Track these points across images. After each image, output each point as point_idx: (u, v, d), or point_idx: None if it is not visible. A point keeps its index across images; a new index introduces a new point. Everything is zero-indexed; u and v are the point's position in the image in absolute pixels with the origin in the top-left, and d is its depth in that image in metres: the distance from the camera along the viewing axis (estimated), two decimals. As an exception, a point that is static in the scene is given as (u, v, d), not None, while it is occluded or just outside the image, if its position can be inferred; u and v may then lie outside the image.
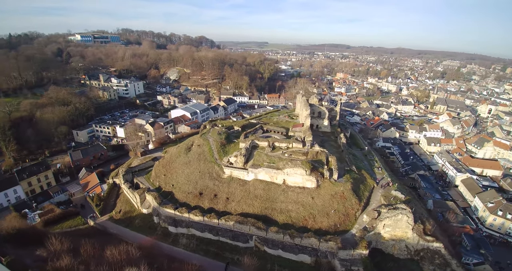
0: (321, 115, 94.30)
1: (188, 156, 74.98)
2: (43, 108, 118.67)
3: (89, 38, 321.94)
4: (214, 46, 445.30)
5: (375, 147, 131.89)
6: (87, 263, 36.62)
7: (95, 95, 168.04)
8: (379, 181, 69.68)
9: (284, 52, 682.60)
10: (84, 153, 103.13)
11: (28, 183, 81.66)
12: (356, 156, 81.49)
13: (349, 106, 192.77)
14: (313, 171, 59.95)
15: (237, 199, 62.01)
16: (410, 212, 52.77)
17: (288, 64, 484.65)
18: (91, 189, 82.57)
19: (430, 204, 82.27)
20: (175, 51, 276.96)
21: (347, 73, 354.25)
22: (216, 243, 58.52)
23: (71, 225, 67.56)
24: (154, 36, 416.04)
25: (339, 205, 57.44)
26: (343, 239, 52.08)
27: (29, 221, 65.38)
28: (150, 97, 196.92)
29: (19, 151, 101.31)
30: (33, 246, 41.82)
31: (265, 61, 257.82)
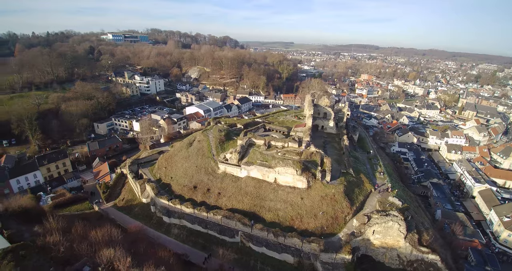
0: (327, 116, 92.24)
1: (188, 150, 77.52)
2: (68, 102, 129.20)
3: (120, 37, 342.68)
4: (238, 46, 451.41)
5: (388, 152, 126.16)
6: (72, 241, 39.78)
7: (119, 91, 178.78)
8: (378, 186, 66.81)
9: (309, 52, 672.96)
10: (101, 144, 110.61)
11: (47, 168, 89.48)
12: (358, 159, 78.72)
13: (368, 108, 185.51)
14: (304, 171, 59.10)
15: (228, 195, 63.01)
16: (402, 220, 50.19)
17: (311, 65, 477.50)
18: (101, 177, 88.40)
19: (438, 214, 77.21)
20: (197, 51, 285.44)
21: (372, 75, 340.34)
22: (204, 236, 60.17)
23: (78, 209, 73.05)
24: (180, 36, 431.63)
25: (328, 207, 56.14)
26: (329, 242, 51.06)
27: (42, 203, 71.83)
28: (170, 94, 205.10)
29: (43, 139, 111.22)
30: (34, 223, 46.19)
31: (284, 61, 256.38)
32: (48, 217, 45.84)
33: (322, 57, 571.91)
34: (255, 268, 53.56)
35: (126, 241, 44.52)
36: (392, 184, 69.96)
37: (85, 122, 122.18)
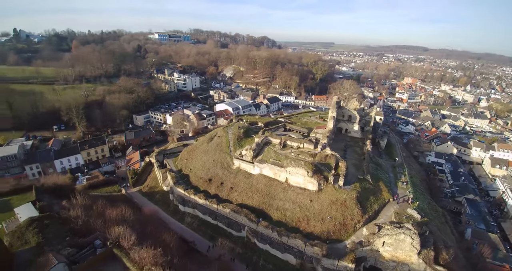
0: (352, 119, 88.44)
1: (208, 145, 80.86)
2: (112, 94, 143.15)
3: (165, 37, 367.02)
4: (275, 46, 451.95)
5: (422, 161, 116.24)
6: (90, 217, 44.78)
7: (158, 86, 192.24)
8: (398, 196, 62.49)
9: (349, 53, 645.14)
10: (136, 134, 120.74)
11: (87, 153, 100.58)
12: (381, 166, 74.22)
13: (406, 114, 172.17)
14: (316, 174, 57.90)
15: (240, 190, 64.51)
16: (416, 234, 46.48)
17: (351, 66, 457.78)
18: (132, 164, 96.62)
19: (468, 233, 69.47)
20: (233, 50, 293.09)
21: (416, 78, 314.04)
22: (213, 227, 62.64)
23: (108, 190, 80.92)
24: (220, 36, 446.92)
25: (338, 213, 54.32)
26: (334, 248, 49.50)
27: (78, 182, 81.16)
28: (204, 91, 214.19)
29: (88, 127, 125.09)
30: (64, 198, 52.79)
31: (319, 61, 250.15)
32: (76, 194, 51.99)
33: (363, 59, 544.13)
34: (257, 264, 54.30)
35: (138, 222, 48.66)
36: (416, 195, 64.89)
37: (125, 113, 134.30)
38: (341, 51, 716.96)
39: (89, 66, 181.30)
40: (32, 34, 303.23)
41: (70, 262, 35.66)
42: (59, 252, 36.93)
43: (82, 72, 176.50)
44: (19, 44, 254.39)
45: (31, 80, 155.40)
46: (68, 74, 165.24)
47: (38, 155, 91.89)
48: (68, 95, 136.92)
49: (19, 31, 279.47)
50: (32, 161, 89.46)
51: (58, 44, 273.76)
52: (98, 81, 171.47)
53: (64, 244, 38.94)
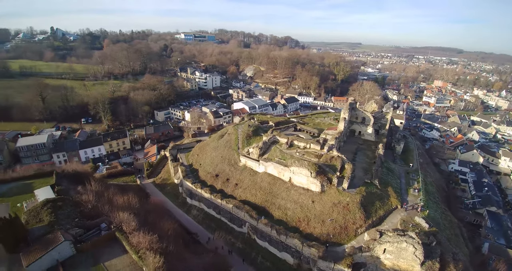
0: (365, 122, 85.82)
1: (218, 142, 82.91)
2: (136, 91, 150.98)
3: (190, 36, 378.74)
4: (298, 46, 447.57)
5: (443, 169, 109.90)
6: (100, 202, 48.25)
7: (180, 84, 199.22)
8: (407, 203, 59.96)
9: (377, 54, 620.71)
10: (156, 129, 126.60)
11: (109, 144, 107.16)
12: (393, 171, 71.48)
13: (431, 119, 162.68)
14: (320, 175, 57.27)
15: (244, 187, 65.58)
16: (419, 244, 44.35)
17: (377, 68, 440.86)
18: (149, 157, 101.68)
19: (485, 248, 64.78)
20: (255, 50, 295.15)
21: (447, 82, 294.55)
22: (217, 221, 64.44)
23: (124, 180, 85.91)
24: (244, 36, 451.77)
25: (339, 216, 53.37)
26: (333, 251, 48.77)
27: (99, 171, 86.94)
28: (224, 90, 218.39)
29: (113, 120, 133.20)
30: (80, 184, 57.09)
31: (341, 62, 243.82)
32: (90, 181, 56.10)
33: (391, 60, 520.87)
34: (255, 260, 55.13)
35: (143, 210, 51.53)
36: (427, 204, 61.80)
37: (147, 109, 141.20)
38: (368, 52, 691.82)
39: (117, 64, 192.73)
40: (68, 33, 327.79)
41: (76, 241, 38.94)
42: (67, 231, 40.34)
43: (111, 69, 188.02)
44: (56, 42, 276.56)
45: (64, 76, 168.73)
46: (98, 71, 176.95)
47: (65, 145, 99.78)
48: (96, 91, 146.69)
49: (56, 30, 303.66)
50: (59, 150, 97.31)
51: (91, 42, 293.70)
52: (124, 78, 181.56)
53: (73, 225, 42.46)
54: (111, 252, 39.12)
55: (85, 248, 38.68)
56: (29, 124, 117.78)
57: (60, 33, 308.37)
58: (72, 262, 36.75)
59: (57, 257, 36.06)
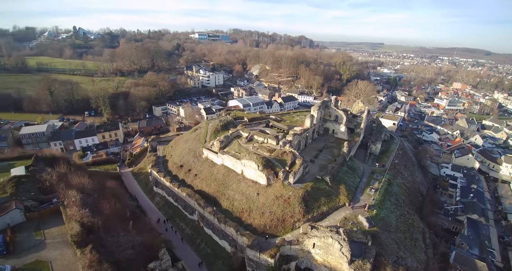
0: (338, 120, 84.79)
1: (191, 135, 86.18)
2: (137, 87, 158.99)
3: (204, 36, 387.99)
4: (312, 46, 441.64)
5: (434, 172, 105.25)
6: (58, 181, 53.16)
7: (184, 82, 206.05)
8: (359, 202, 59.31)
9: (398, 54, 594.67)
10: (148, 123, 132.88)
11: (102, 135, 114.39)
12: (355, 170, 70.54)
13: (434, 121, 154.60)
14: (266, 168, 58.35)
15: (202, 177, 68.15)
16: (344, 241, 44.17)
17: (395, 68, 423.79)
18: (134, 147, 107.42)
19: (452, 257, 61.82)
20: (262, 49, 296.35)
21: (466, 84, 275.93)
22: (174, 208, 67.83)
23: (106, 168, 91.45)
24: (258, 36, 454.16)
25: (278, 209, 54.21)
26: (269, 243, 49.66)
27: (85, 159, 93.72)
28: (226, 88, 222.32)
29: (112, 114, 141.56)
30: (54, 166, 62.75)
31: (348, 62, 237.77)
32: (59, 164, 61.69)
33: (413, 61, 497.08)
34: (199, 246, 57.68)
35: (96, 191, 55.99)
36: (383, 204, 60.44)
37: (144, 104, 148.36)
38: (390, 52, 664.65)
39: (126, 62, 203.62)
40: (89, 32, 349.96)
41: (26, 210, 44.20)
42: (22, 202, 45.71)
43: (120, 66, 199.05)
44: (77, 41, 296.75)
45: (76, 72, 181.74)
46: (106, 68, 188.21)
47: (62, 134, 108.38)
48: (102, 86, 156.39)
49: (78, 29, 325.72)
50: (56, 138, 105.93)
51: (110, 41, 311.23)
52: (131, 75, 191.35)
53: (28, 197, 47.97)
54: (54, 222, 43.89)
55: (33, 217, 44.03)
56: (38, 115, 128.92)
57: (82, 32, 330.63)
58: (20, 227, 42.09)
59: (8, 222, 41.54)
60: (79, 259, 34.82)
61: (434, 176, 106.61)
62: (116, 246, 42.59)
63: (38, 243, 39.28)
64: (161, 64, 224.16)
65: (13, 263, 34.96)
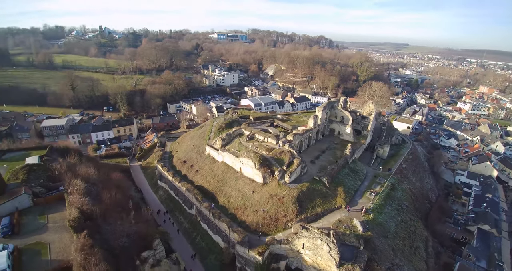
0: (344, 121, 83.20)
1: (197, 132, 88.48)
2: (153, 85, 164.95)
3: (223, 36, 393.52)
4: (332, 46, 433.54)
5: (447, 179, 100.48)
6: (66, 171, 56.93)
7: (199, 81, 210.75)
8: (356, 205, 58.15)
9: (423, 56, 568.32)
10: (161, 119, 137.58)
11: (117, 130, 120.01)
12: (357, 173, 68.98)
13: (454, 126, 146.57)
14: (263, 167, 58.68)
15: (203, 173, 69.79)
16: (333, 243, 43.68)
17: (420, 70, 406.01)
18: (145, 142, 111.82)
19: (456, 268, 59.08)
20: (279, 49, 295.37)
21: (494, 88, 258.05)
22: (175, 202, 70.28)
23: (117, 161, 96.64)
24: (277, 36, 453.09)
25: (272, 207, 54.43)
26: (258, 240, 50.12)
27: (99, 151, 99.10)
28: (240, 87, 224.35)
29: (129, 110, 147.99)
30: (66, 156, 67.19)
31: (365, 62, 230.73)
32: (70, 155, 66.00)
33: (438, 63, 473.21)
34: (194, 240, 59.38)
35: (101, 182, 59.25)
36: (383, 209, 58.70)
37: (158, 101, 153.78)
38: (415, 53, 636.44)
39: (145, 61, 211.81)
40: (114, 31, 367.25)
41: (34, 196, 48.16)
42: (31, 188, 49.68)
43: (139, 65, 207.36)
44: (102, 40, 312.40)
45: (98, 70, 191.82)
46: (127, 66, 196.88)
47: (80, 128, 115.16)
48: (121, 84, 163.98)
49: (104, 29, 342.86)
50: (74, 132, 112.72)
51: (133, 41, 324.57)
52: (149, 74, 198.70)
53: (37, 184, 51.95)
54: (57, 208, 47.17)
55: (40, 202, 47.74)
56: (60, 109, 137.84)
57: (107, 31, 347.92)
58: (28, 211, 45.72)
59: (17, 205, 45.38)
60: (73, 242, 37.25)
61: (447, 183, 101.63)
62: (112, 233, 44.90)
63: (41, 226, 42.43)
64: (179, 63, 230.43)
65: (16, 243, 38.13)
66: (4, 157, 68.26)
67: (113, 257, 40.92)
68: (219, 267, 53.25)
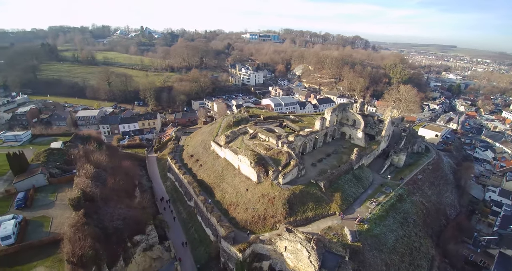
0: (356, 125, 79.60)
1: (207, 128, 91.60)
2: (180, 82, 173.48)
3: (255, 36, 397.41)
4: (368, 46, 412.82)
5: (475, 195, 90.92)
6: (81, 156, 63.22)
7: (225, 79, 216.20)
8: (353, 213, 55.66)
9: (472, 59, 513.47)
10: (184, 115, 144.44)
11: (142, 123, 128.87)
12: (360, 179, 65.80)
13: (494, 137, 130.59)
14: (258, 165, 59.00)
15: (205, 168, 72.35)
16: (313, 249, 42.77)
17: (465, 74, 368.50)
18: (165, 136, 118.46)
19: None
20: (308, 49, 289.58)
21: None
22: (178, 193, 73.72)
23: (137, 151, 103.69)
24: (310, 36, 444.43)
25: (262, 207, 54.65)
26: (245, 237, 50.81)
27: (122, 141, 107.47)
28: (264, 87, 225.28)
29: (156, 105, 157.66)
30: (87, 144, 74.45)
31: (399, 64, 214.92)
32: (90, 142, 73.09)
33: (488, 67, 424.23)
34: (189, 231, 62.14)
35: (111, 169, 64.71)
36: (384, 221, 55.20)
37: (183, 98, 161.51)
38: (462, 56, 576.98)
39: (178, 59, 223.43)
40: (154, 31, 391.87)
41: (51, 176, 54.55)
42: (48, 169, 56.28)
43: (171, 63, 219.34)
44: (143, 39, 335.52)
45: (134, 67, 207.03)
46: (159, 64, 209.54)
47: (109, 119, 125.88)
48: (153, 80, 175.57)
49: (145, 28, 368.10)
50: (104, 122, 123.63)
51: (171, 40, 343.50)
52: (179, 71, 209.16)
53: (54, 166, 58.58)
54: (67, 188, 52.51)
55: (54, 182, 54.13)
56: (96, 101, 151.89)
57: (148, 31, 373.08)
58: (42, 189, 51.92)
59: (34, 183, 51.68)
60: (69, 218, 41.67)
61: (474, 199, 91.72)
62: (109, 215, 49.05)
63: (50, 203, 48.01)
64: (209, 62, 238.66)
65: (25, 215, 43.83)
66: (35, 140, 77.44)
67: (106, 237, 44.94)
68: (206, 259, 55.12)
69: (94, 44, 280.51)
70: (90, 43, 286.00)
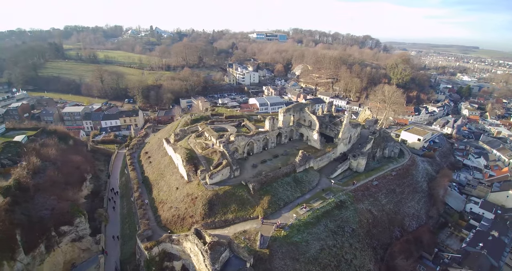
0: (312, 126, 76.39)
1: (168, 126, 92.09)
2: (170, 81, 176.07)
3: (262, 35, 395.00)
4: (378, 46, 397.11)
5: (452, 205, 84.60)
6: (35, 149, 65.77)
7: (219, 79, 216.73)
8: (272, 219, 52.97)
9: (494, 61, 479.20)
10: (166, 113, 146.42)
11: (124, 120, 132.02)
12: (301, 183, 62.64)
13: (491, 143, 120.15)
14: (189, 164, 58.24)
15: (153, 165, 73.37)
16: (206, 252, 41.31)
17: (482, 77, 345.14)
18: (140, 132, 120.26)
19: None
20: (308, 48, 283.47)
21: None
22: (128, 189, 73.56)
23: (109, 147, 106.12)
24: (319, 35, 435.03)
25: (183, 206, 53.86)
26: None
27: (97, 137, 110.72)
28: (258, 86, 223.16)
29: (144, 103, 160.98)
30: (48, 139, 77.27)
31: (400, 64, 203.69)
32: (51, 136, 76.14)
33: (509, 70, 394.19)
34: (125, 226, 62.90)
35: (60, 161, 66.93)
36: (307, 230, 51.62)
37: (170, 96, 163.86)
38: (484, 58, 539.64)
39: (177, 58, 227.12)
40: (164, 31, 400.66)
41: (2, 166, 57.63)
42: (0, 160, 59.45)
43: (168, 62, 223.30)
44: (151, 38, 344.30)
45: (132, 65, 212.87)
46: (155, 63, 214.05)
47: (92, 115, 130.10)
48: (143, 78, 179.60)
49: (155, 28, 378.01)
50: (87, 118, 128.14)
51: (179, 39, 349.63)
52: (175, 70, 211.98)
53: (5, 157, 61.99)
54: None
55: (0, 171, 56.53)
56: (90, 98, 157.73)
57: (157, 31, 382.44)
58: None
59: None
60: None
61: (451, 211, 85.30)
62: (39, 205, 51.23)
63: (-12, 189, 50.07)
64: (209, 61, 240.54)
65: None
66: (7, 133, 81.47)
67: (29, 224, 46.64)
68: (129, 255, 55.00)
69: (104, 44, 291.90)
70: (100, 42, 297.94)
